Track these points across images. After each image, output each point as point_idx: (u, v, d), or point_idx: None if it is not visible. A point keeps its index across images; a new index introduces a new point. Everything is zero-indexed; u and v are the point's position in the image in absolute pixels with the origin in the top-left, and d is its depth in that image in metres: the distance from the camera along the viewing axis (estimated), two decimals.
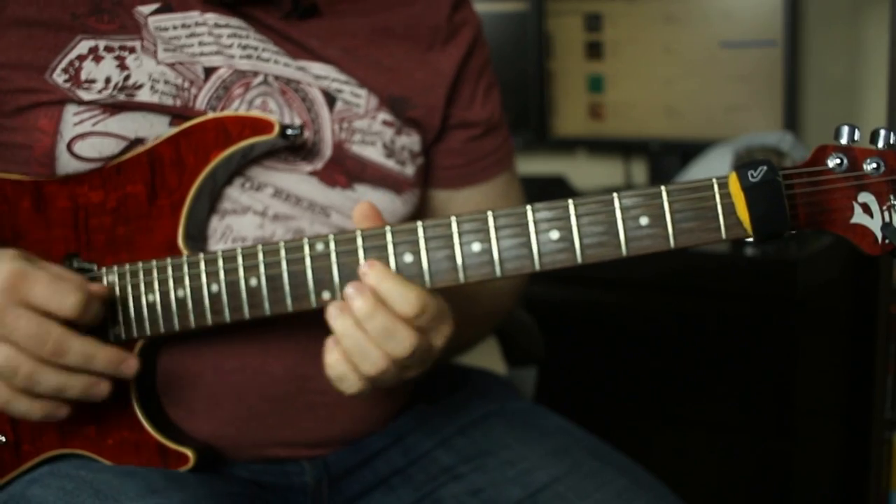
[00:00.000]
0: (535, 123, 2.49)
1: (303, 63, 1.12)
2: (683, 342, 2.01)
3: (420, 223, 0.93)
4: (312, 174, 1.12)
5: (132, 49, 1.06)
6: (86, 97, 1.04)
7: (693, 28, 2.27)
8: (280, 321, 1.01)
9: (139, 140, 1.05)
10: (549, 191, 2.21)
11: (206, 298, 0.99)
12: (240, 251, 0.98)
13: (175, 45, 1.07)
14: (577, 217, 0.90)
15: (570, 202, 0.90)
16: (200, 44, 1.08)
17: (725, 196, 0.88)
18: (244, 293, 0.98)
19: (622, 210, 0.89)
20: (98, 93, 1.04)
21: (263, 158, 1.09)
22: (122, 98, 1.04)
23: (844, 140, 0.87)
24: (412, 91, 1.17)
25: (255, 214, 1.09)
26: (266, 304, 0.98)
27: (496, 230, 0.91)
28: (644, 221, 0.89)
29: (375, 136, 1.14)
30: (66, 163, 1.04)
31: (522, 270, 0.91)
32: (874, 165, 0.86)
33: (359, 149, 1.13)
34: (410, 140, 1.18)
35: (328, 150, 1.12)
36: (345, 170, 1.13)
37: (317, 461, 1.17)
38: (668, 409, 2.05)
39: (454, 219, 0.92)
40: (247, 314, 0.99)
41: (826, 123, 2.28)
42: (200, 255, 1.00)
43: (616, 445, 1.22)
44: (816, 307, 1.95)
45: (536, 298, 1.35)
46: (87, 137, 1.04)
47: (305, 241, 0.96)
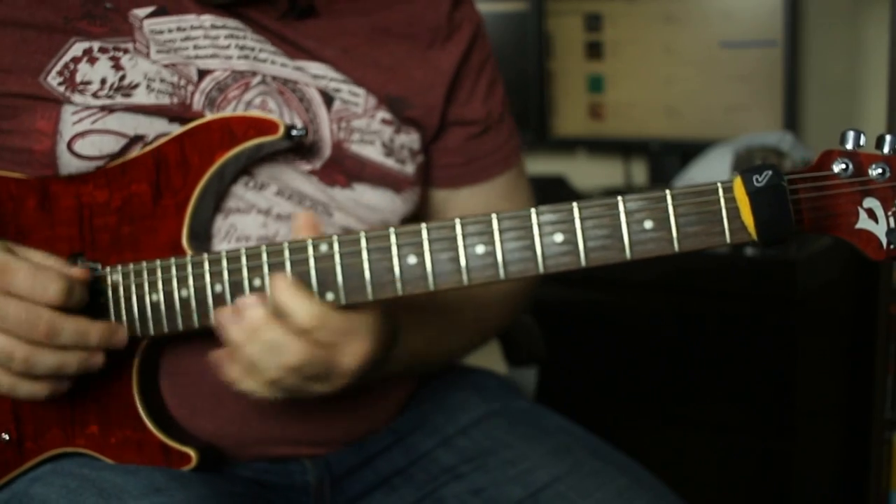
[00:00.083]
0: (535, 123, 2.49)
1: (300, 63, 1.12)
2: (683, 342, 2.01)
3: (424, 225, 0.93)
4: (311, 173, 1.11)
5: (126, 50, 1.06)
6: (81, 100, 1.04)
7: (693, 28, 2.27)
8: None
9: (139, 137, 1.05)
10: (549, 191, 2.21)
11: (210, 298, 0.99)
12: (244, 251, 0.98)
13: (169, 48, 1.07)
14: (582, 220, 0.89)
15: (575, 205, 0.89)
16: (195, 47, 1.08)
17: (730, 200, 0.88)
18: (248, 293, 0.98)
19: (627, 213, 0.89)
20: (93, 95, 1.04)
21: (266, 157, 1.09)
22: (120, 98, 1.04)
23: (850, 145, 0.87)
24: (410, 91, 1.17)
25: (259, 213, 1.09)
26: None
27: (500, 232, 0.91)
28: (648, 225, 0.89)
29: (374, 135, 1.14)
30: (68, 162, 1.04)
31: (526, 273, 0.91)
32: (880, 171, 0.86)
33: (358, 148, 1.13)
34: (410, 138, 1.17)
35: (327, 150, 1.12)
36: (344, 169, 1.13)
37: (319, 461, 1.17)
38: (668, 409, 2.05)
39: (458, 221, 0.92)
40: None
41: (826, 123, 2.29)
42: (204, 256, 1.00)
43: (616, 445, 1.22)
44: (816, 307, 1.95)
45: (537, 298, 1.35)
46: (87, 136, 1.04)
47: (309, 242, 0.96)
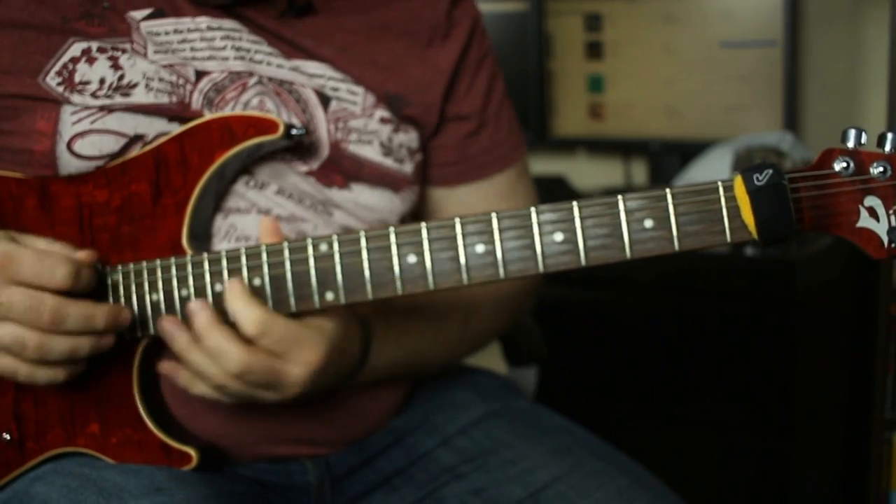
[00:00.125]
0: (535, 123, 2.48)
1: (297, 62, 1.12)
2: (683, 342, 2.01)
3: (424, 224, 0.93)
4: (308, 174, 1.11)
5: (124, 50, 1.06)
6: (80, 100, 1.04)
7: (693, 28, 2.27)
8: None
9: (139, 136, 1.05)
10: (549, 191, 2.20)
11: (210, 298, 0.99)
12: (243, 251, 0.98)
13: (167, 49, 1.07)
14: (582, 219, 0.89)
15: (575, 204, 0.89)
16: (192, 49, 1.08)
17: (731, 199, 0.87)
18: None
19: (627, 212, 0.88)
20: (92, 95, 1.04)
21: (266, 156, 1.09)
22: (119, 98, 1.04)
23: (851, 143, 0.87)
24: (409, 89, 1.17)
25: (259, 213, 1.09)
26: (269, 304, 0.98)
27: (500, 232, 0.91)
28: (649, 224, 0.88)
29: (372, 135, 1.14)
30: (68, 162, 1.04)
31: (526, 272, 0.91)
32: (881, 169, 0.86)
33: (356, 148, 1.13)
34: (408, 137, 1.17)
35: (325, 150, 1.12)
36: (342, 170, 1.13)
37: (319, 461, 1.17)
38: (668, 409, 2.05)
39: (458, 220, 0.92)
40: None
41: (826, 123, 2.28)
42: (204, 255, 1.00)
43: (616, 445, 1.22)
44: (816, 307, 1.95)
45: (537, 298, 1.35)
46: (87, 136, 1.04)
47: (309, 242, 0.96)
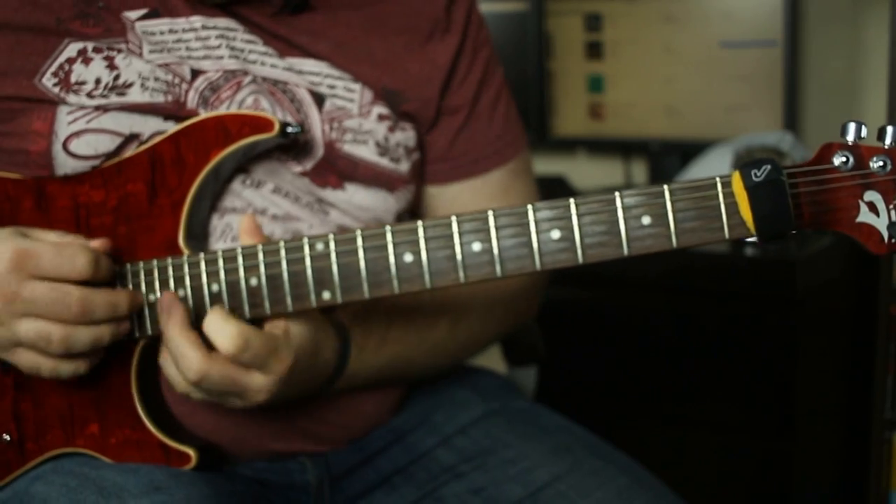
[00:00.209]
0: (535, 123, 2.48)
1: (293, 61, 1.11)
2: (683, 342, 2.00)
3: (420, 222, 0.93)
4: (303, 175, 1.11)
5: (119, 50, 1.06)
6: (75, 100, 1.03)
7: (693, 28, 2.27)
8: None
9: (134, 135, 1.05)
10: (550, 191, 2.20)
11: (207, 298, 0.99)
12: (240, 251, 0.98)
13: (162, 48, 1.07)
14: (579, 216, 0.89)
15: (572, 201, 0.89)
16: (188, 48, 1.08)
17: (728, 195, 0.86)
18: (244, 293, 0.98)
19: (624, 209, 0.88)
20: (88, 95, 1.04)
21: (262, 155, 1.09)
22: (114, 98, 1.04)
23: (851, 137, 0.85)
24: (406, 84, 1.16)
25: (255, 213, 1.09)
26: (266, 304, 0.98)
27: (497, 230, 0.90)
28: (646, 221, 0.88)
29: (367, 135, 1.13)
30: (64, 162, 1.04)
31: (523, 270, 0.90)
32: (881, 163, 0.84)
33: (350, 148, 1.13)
34: (406, 136, 1.17)
35: (319, 150, 1.12)
36: (336, 170, 1.12)
37: (318, 459, 1.18)
38: (668, 409, 2.05)
39: (454, 218, 0.92)
40: (247, 314, 0.99)
41: (826, 123, 2.28)
42: (201, 255, 1.00)
43: (616, 445, 1.22)
44: (816, 307, 1.95)
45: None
46: (82, 135, 1.04)
47: (305, 241, 0.96)
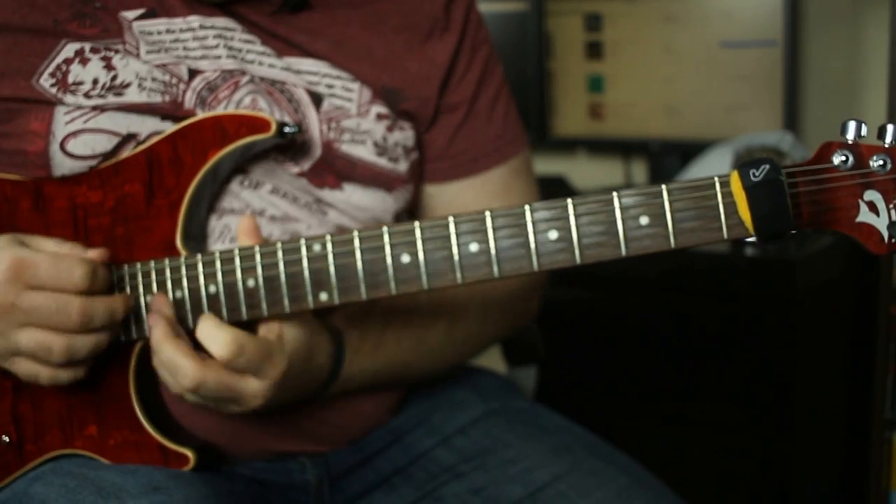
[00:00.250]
0: (535, 123, 2.48)
1: (291, 60, 1.11)
2: (683, 342, 2.00)
3: (417, 223, 0.92)
4: (300, 175, 1.11)
5: (117, 50, 1.05)
6: (73, 100, 1.03)
7: (693, 28, 2.26)
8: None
9: (132, 135, 1.05)
10: (550, 191, 2.20)
11: (204, 299, 0.99)
12: (237, 252, 0.98)
13: (160, 48, 1.07)
14: (577, 217, 0.88)
15: (569, 202, 0.88)
16: (185, 48, 1.08)
17: (727, 195, 0.86)
18: (242, 294, 0.98)
19: (622, 209, 0.87)
20: (85, 95, 1.04)
21: (260, 155, 1.09)
22: (111, 98, 1.04)
23: (851, 136, 0.84)
24: (405, 83, 1.16)
25: (254, 214, 1.08)
26: (264, 305, 0.97)
27: (494, 230, 0.90)
28: (644, 221, 0.87)
29: (365, 135, 1.13)
30: (61, 162, 1.04)
31: (521, 271, 0.90)
32: (881, 162, 0.83)
33: (348, 148, 1.13)
34: (404, 135, 1.16)
35: (317, 150, 1.11)
36: (334, 170, 1.12)
37: (318, 459, 1.18)
38: (668, 409, 2.05)
39: (451, 219, 0.91)
40: (244, 315, 0.98)
41: (826, 123, 2.28)
42: (198, 257, 1.00)
43: (616, 445, 1.22)
44: (816, 307, 1.94)
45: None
46: (80, 135, 1.04)
47: (302, 242, 0.96)
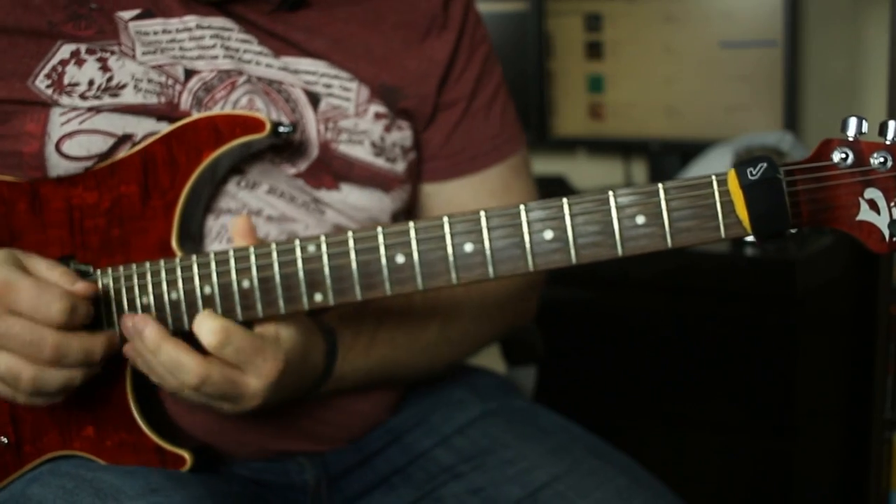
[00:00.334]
0: (535, 123, 2.48)
1: (288, 60, 1.11)
2: (683, 342, 2.00)
3: (412, 223, 0.92)
4: (297, 176, 1.11)
5: (112, 52, 1.05)
6: (68, 102, 1.03)
7: (693, 28, 2.26)
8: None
9: (127, 136, 1.05)
10: (550, 191, 2.20)
11: (200, 301, 0.99)
12: (232, 253, 0.98)
13: (156, 48, 1.07)
14: (572, 216, 0.87)
15: (565, 201, 0.88)
16: (181, 48, 1.07)
17: (724, 194, 0.85)
18: (237, 295, 0.98)
19: (618, 209, 0.86)
20: (81, 96, 1.04)
21: (257, 155, 1.09)
22: (107, 99, 1.04)
23: (851, 132, 0.83)
24: (404, 81, 1.16)
25: (250, 214, 1.08)
26: (259, 306, 0.97)
27: (489, 230, 0.89)
28: (640, 220, 0.86)
29: (363, 135, 1.13)
30: (56, 163, 1.04)
31: (516, 271, 0.89)
32: (881, 160, 0.82)
33: (346, 148, 1.12)
34: (402, 135, 1.16)
35: (314, 151, 1.11)
36: (332, 170, 1.12)
37: (316, 460, 1.18)
38: (668, 409, 2.05)
39: (446, 219, 0.91)
40: (240, 316, 0.98)
41: (826, 123, 2.28)
42: (193, 258, 0.99)
43: (616, 445, 1.22)
44: (816, 307, 1.94)
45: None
46: (75, 136, 1.03)
47: (297, 243, 0.95)
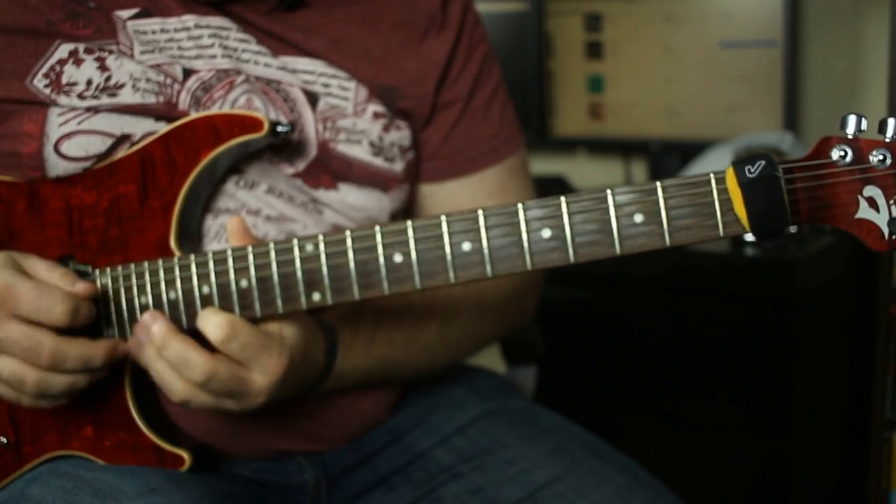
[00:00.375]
0: (535, 123, 2.48)
1: (286, 59, 1.11)
2: (683, 342, 2.00)
3: (410, 222, 0.92)
4: (295, 176, 1.11)
5: (111, 51, 1.05)
6: (66, 101, 1.03)
7: (693, 28, 2.26)
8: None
9: (126, 136, 1.05)
10: (550, 191, 2.20)
11: (198, 300, 0.99)
12: (230, 253, 0.98)
13: (154, 48, 1.07)
14: (570, 215, 0.87)
15: (563, 199, 0.88)
16: (180, 48, 1.07)
17: (723, 192, 0.84)
18: (235, 295, 0.97)
19: (616, 207, 0.86)
20: (79, 96, 1.04)
21: (255, 155, 1.09)
22: (105, 99, 1.04)
23: (851, 130, 0.83)
24: (402, 81, 1.16)
25: (249, 214, 1.08)
26: (257, 306, 0.97)
27: (487, 229, 0.89)
28: (639, 219, 0.86)
29: (361, 135, 1.13)
30: (55, 164, 1.04)
31: (514, 270, 0.89)
32: (881, 157, 0.81)
33: (344, 148, 1.12)
34: (401, 135, 1.16)
35: (313, 150, 1.11)
36: (330, 170, 1.12)
37: (316, 460, 1.17)
38: (668, 409, 2.05)
39: (444, 218, 0.91)
40: (238, 316, 0.98)
41: (826, 123, 2.28)
42: (191, 257, 0.99)
43: (615, 445, 1.22)
44: (816, 307, 1.94)
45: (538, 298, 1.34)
46: (74, 137, 1.03)
47: (295, 243, 0.95)
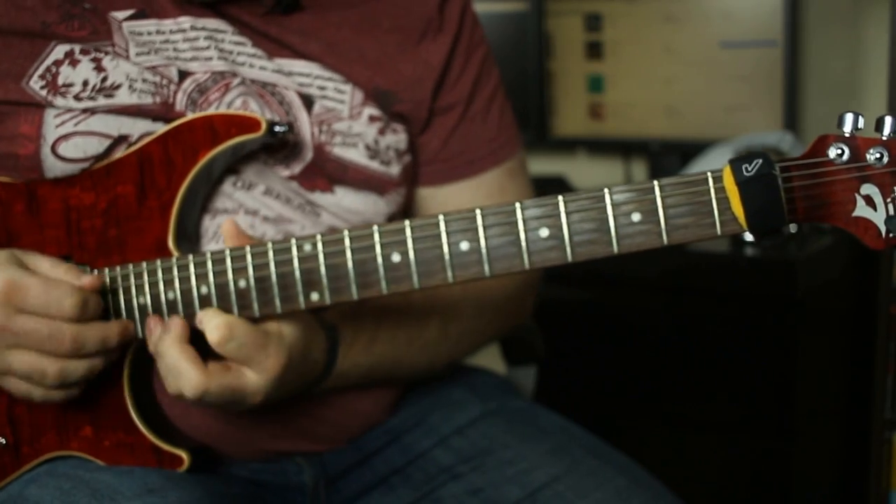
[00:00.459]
0: (535, 123, 2.48)
1: (282, 62, 1.11)
2: (683, 342, 2.00)
3: (408, 222, 0.92)
4: (290, 179, 1.11)
5: (107, 52, 1.05)
6: (63, 103, 1.03)
7: (693, 28, 2.26)
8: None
9: (123, 137, 1.05)
10: (549, 191, 2.20)
11: (196, 300, 0.99)
12: (228, 253, 0.98)
13: (150, 49, 1.07)
14: (567, 214, 0.88)
15: (560, 199, 0.88)
16: (175, 49, 1.07)
17: (720, 190, 0.85)
18: (233, 295, 0.98)
19: (613, 206, 0.87)
20: (75, 97, 1.04)
21: (252, 156, 1.09)
22: (102, 100, 1.04)
23: (848, 128, 0.83)
24: (399, 85, 1.15)
25: (247, 214, 1.08)
26: (255, 306, 0.97)
27: (484, 228, 0.90)
28: (636, 218, 0.86)
29: (357, 138, 1.13)
30: (52, 165, 1.04)
31: (512, 269, 0.89)
32: (878, 155, 0.82)
33: (340, 151, 1.12)
34: (397, 138, 1.16)
35: (309, 153, 1.11)
36: (326, 173, 1.12)
37: (315, 460, 1.17)
38: (668, 409, 2.04)
39: (442, 217, 0.91)
40: (236, 316, 0.98)
41: (826, 123, 2.27)
42: (189, 258, 0.99)
43: (615, 445, 1.22)
44: (816, 307, 1.94)
45: (536, 297, 1.34)
46: (71, 138, 1.03)
47: (293, 242, 0.95)
